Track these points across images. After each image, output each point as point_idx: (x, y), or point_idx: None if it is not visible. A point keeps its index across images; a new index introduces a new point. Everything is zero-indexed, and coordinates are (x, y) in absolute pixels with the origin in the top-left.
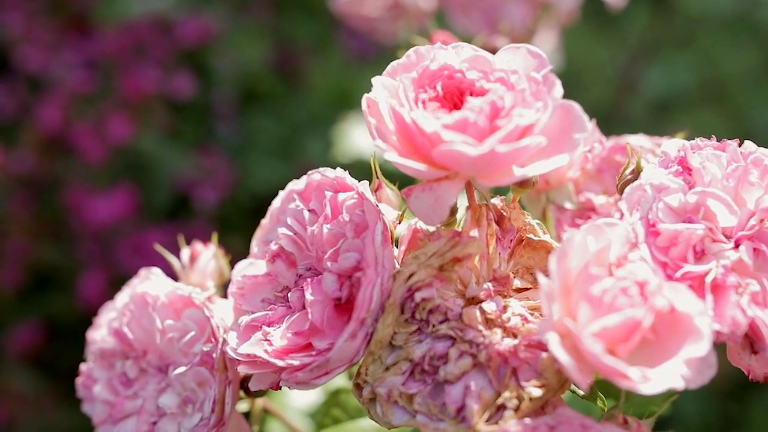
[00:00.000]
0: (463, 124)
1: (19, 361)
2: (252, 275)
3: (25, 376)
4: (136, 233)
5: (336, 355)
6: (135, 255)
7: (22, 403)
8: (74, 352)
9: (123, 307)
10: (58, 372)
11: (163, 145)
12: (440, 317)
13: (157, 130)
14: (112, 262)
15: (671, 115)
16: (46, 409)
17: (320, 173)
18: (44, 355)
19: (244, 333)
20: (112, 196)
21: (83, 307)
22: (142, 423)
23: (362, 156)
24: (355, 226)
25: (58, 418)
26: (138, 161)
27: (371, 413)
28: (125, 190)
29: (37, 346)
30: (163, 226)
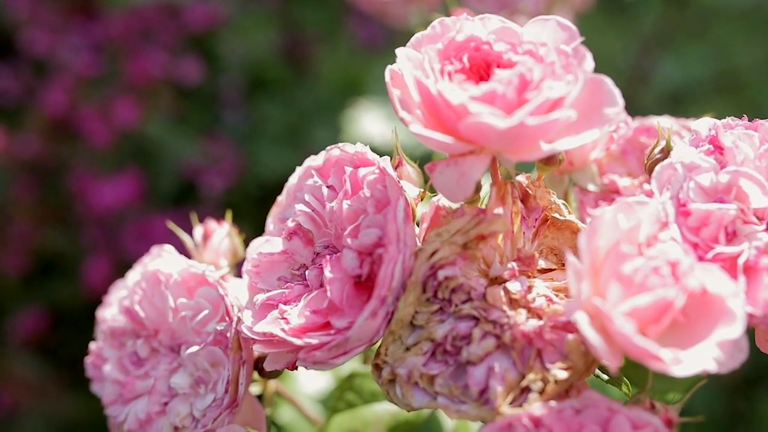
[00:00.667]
0: (491, 96)
1: (22, 348)
2: (268, 253)
3: (29, 363)
4: (142, 219)
5: (356, 334)
6: (140, 241)
7: (26, 389)
8: (78, 338)
9: (134, 285)
10: (62, 359)
11: (170, 131)
12: (463, 297)
13: (163, 115)
14: (117, 248)
15: (684, 107)
16: (50, 396)
17: (339, 149)
18: (48, 342)
19: (260, 311)
20: (118, 181)
21: (88, 293)
22: (153, 403)
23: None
24: (376, 202)
25: (62, 405)
26: (144, 147)
27: (390, 395)
28: (131, 175)
29: (41, 333)
30: (168, 212)
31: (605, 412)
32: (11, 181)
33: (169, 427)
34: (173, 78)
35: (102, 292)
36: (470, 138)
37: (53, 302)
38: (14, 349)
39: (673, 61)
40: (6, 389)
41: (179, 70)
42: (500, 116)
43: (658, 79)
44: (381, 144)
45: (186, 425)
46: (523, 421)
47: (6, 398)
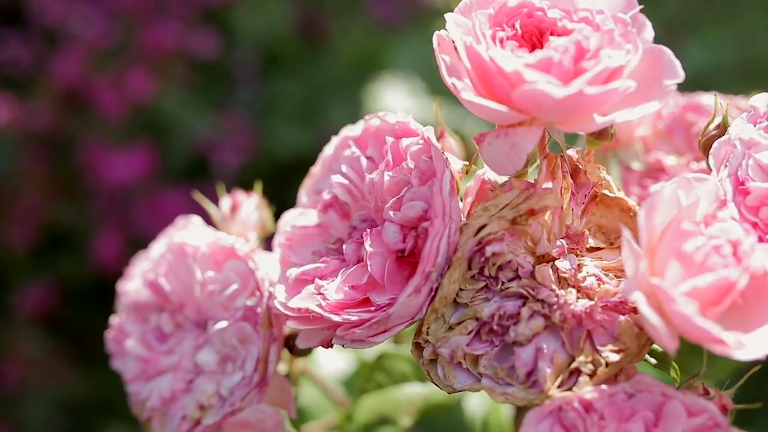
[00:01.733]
0: (546, 63)
1: (29, 323)
2: (302, 226)
3: (36, 338)
4: (153, 194)
5: (398, 311)
6: (152, 216)
7: (32, 365)
8: (86, 314)
9: (159, 257)
10: (70, 335)
11: (183, 105)
12: (510, 274)
13: (177, 88)
14: (128, 223)
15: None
16: (56, 372)
17: (379, 118)
18: (55, 318)
19: (294, 286)
20: (130, 155)
21: (97, 268)
22: (178, 380)
23: None
24: (420, 174)
25: (68, 382)
26: (156, 120)
27: (431, 375)
28: (143, 148)
29: (48, 308)
30: (181, 187)
31: (659, 397)
32: (20, 152)
33: (194, 405)
34: (187, 51)
35: (112, 268)
36: (523, 107)
37: (61, 277)
38: (21, 324)
39: (698, 47)
40: (12, 365)
41: (193, 43)
42: (557, 85)
43: (683, 64)
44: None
45: (212, 404)
46: (573, 404)
47: (12, 374)
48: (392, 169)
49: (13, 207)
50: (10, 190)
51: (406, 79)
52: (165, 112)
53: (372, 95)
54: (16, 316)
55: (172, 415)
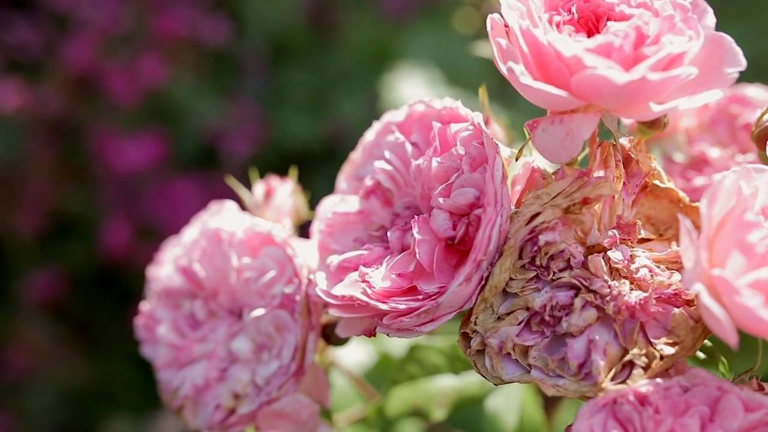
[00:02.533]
0: (607, 48)
1: (36, 310)
2: (343, 212)
3: (43, 326)
4: (163, 182)
5: (448, 300)
6: (161, 204)
7: (38, 353)
8: (92, 303)
9: (192, 243)
10: (74, 323)
11: (194, 93)
12: (561, 264)
13: (188, 76)
14: (137, 211)
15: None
16: (62, 360)
17: (424, 103)
18: (63, 305)
19: (336, 274)
20: (141, 142)
21: (106, 256)
22: (212, 369)
23: None
24: (471, 160)
25: (74, 370)
26: (166, 107)
27: (478, 366)
28: (154, 136)
29: (56, 295)
30: (191, 176)
31: (715, 392)
32: (29, 138)
33: (229, 394)
34: (198, 38)
35: (121, 256)
36: (582, 93)
37: (69, 264)
38: (27, 311)
39: None
40: (18, 351)
41: (204, 30)
42: (619, 70)
43: None
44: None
45: (247, 393)
46: (628, 397)
47: (18, 361)
48: (440, 155)
49: (20, 193)
50: (18, 176)
51: (422, 70)
52: (176, 99)
53: (388, 85)
54: (23, 303)
55: (205, 403)
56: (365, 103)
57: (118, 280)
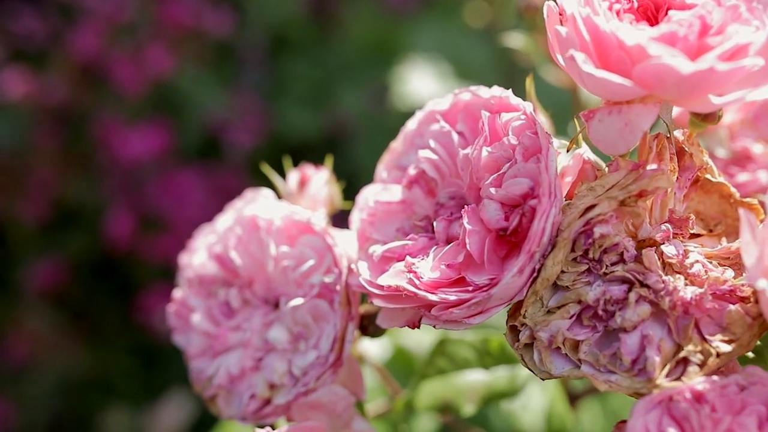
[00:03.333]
0: (671, 37)
1: (38, 299)
2: (385, 201)
3: (45, 315)
4: (167, 173)
5: (499, 292)
6: (165, 195)
7: (40, 342)
8: (95, 292)
9: (226, 230)
10: (77, 312)
11: (197, 83)
12: (614, 258)
13: (192, 66)
14: (141, 201)
15: None
16: (64, 348)
17: (471, 92)
18: (64, 294)
19: (378, 264)
20: (147, 132)
21: (108, 246)
22: (247, 358)
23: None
24: (524, 150)
25: (75, 358)
26: (171, 98)
27: (525, 360)
28: (159, 126)
29: (57, 284)
30: (194, 166)
31: None
32: (33, 126)
33: (264, 383)
34: (202, 29)
35: (124, 246)
36: (644, 83)
37: (72, 253)
38: (29, 299)
39: None
40: (19, 340)
41: (208, 21)
42: (685, 60)
43: None
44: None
45: (284, 383)
46: (684, 395)
47: (18, 350)
48: (491, 145)
49: (24, 181)
50: (22, 164)
51: (432, 63)
52: (180, 90)
53: (398, 77)
54: (24, 291)
55: (239, 393)
56: (367, 96)
57: (119, 270)
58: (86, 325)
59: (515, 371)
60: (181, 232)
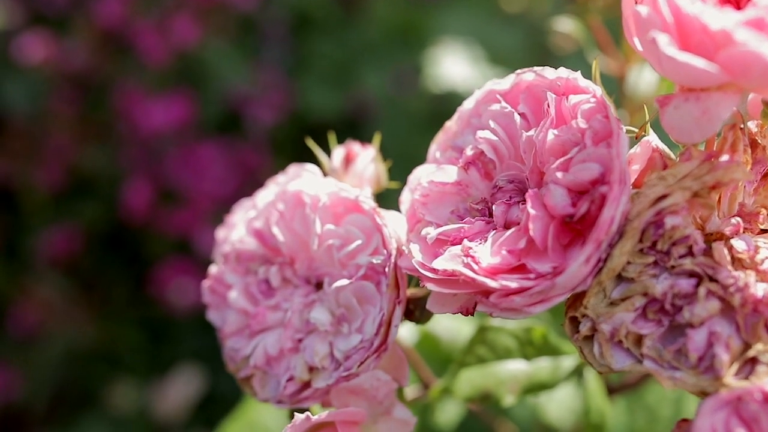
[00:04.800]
0: (758, 23)
1: (49, 268)
2: (440, 182)
3: (55, 284)
4: (187, 145)
5: (564, 281)
6: (184, 168)
7: (49, 310)
8: (108, 263)
9: (267, 206)
10: (89, 283)
11: (222, 56)
12: (683, 250)
13: (216, 39)
14: (160, 173)
15: None
16: (76, 319)
17: (534, 72)
18: (76, 264)
19: (432, 247)
20: (169, 103)
21: (125, 216)
22: (286, 338)
23: (454, 87)
24: (594, 134)
25: (87, 329)
26: (195, 69)
27: (584, 352)
28: (182, 97)
29: (70, 254)
30: (215, 140)
31: None
32: (52, 92)
33: (304, 365)
34: (227, 2)
35: (141, 217)
36: (727, 69)
37: (84, 223)
38: (40, 268)
39: None
40: (30, 308)
41: None
42: None
43: None
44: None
45: (325, 366)
46: (754, 395)
47: (28, 317)
48: (558, 127)
49: (40, 148)
50: (38, 130)
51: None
52: (204, 62)
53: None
54: (36, 259)
55: (276, 374)
56: (389, 78)
57: (131, 242)
58: (96, 296)
59: (557, 363)
60: (199, 206)
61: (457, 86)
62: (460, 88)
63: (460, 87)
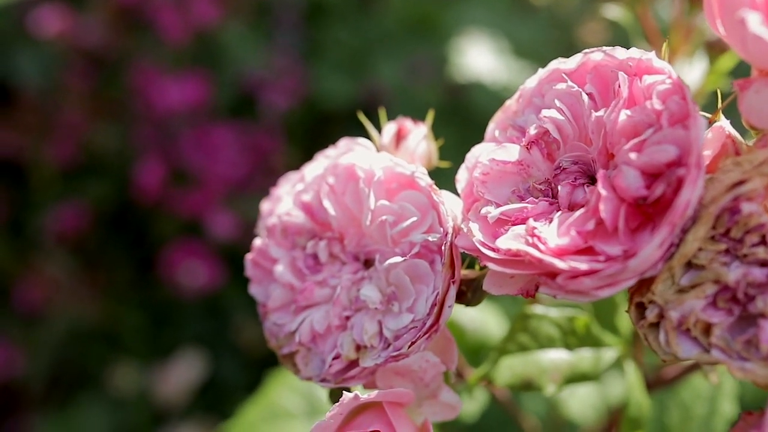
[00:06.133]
0: None
1: (57, 244)
2: (502, 161)
3: (63, 261)
4: (201, 127)
5: (636, 265)
6: (197, 149)
7: (55, 287)
8: (115, 243)
9: (316, 179)
10: (95, 262)
11: (239, 39)
12: (755, 239)
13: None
14: (173, 154)
15: None
16: (80, 298)
17: (603, 52)
18: (82, 243)
19: (492, 226)
20: (185, 83)
21: (136, 196)
22: (334, 315)
23: (480, 78)
24: (670, 116)
25: (92, 308)
26: (212, 51)
27: (649, 340)
28: (198, 78)
29: (77, 231)
30: (228, 123)
31: None
32: (65, 67)
33: (351, 343)
34: None
35: (152, 196)
36: None
37: (94, 201)
38: (49, 244)
39: None
40: (35, 284)
41: None
42: None
43: None
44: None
45: (374, 345)
46: None
47: (33, 293)
48: (631, 108)
49: (52, 123)
50: (51, 105)
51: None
52: (221, 43)
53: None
54: (45, 235)
55: (321, 352)
56: (404, 69)
57: (138, 223)
58: (100, 276)
59: (599, 354)
60: (211, 189)
61: (482, 77)
62: (486, 78)
63: (485, 78)
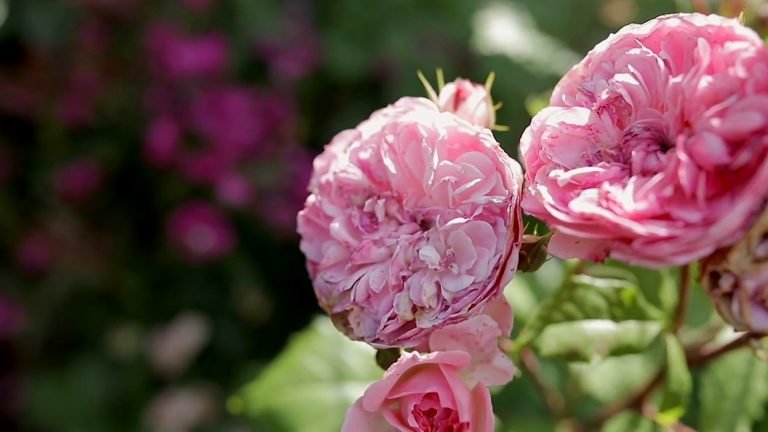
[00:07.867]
0: None
1: (64, 204)
2: (571, 124)
3: (69, 220)
4: (215, 91)
5: (716, 232)
6: (209, 113)
7: (60, 246)
8: (120, 205)
9: (375, 137)
10: (102, 222)
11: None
12: None
13: None
14: (185, 117)
15: None
16: (85, 258)
17: (680, 18)
18: (91, 203)
19: (561, 190)
20: (201, 45)
21: (147, 158)
22: (391, 275)
23: (504, 51)
24: (756, 83)
25: (95, 269)
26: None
27: (721, 309)
28: (214, 41)
29: (85, 192)
30: (241, 88)
31: None
32: (79, 25)
33: (408, 303)
34: None
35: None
36: None
37: (102, 161)
38: (55, 203)
39: None
40: (41, 243)
41: None
42: None
43: None
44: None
45: (432, 306)
46: None
47: (37, 252)
48: (713, 75)
49: (64, 81)
50: (63, 63)
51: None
52: (237, 7)
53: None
54: (53, 195)
55: (375, 311)
56: (416, 42)
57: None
58: (104, 237)
59: (644, 327)
60: (224, 153)
61: (507, 49)
62: (510, 51)
63: (509, 50)
